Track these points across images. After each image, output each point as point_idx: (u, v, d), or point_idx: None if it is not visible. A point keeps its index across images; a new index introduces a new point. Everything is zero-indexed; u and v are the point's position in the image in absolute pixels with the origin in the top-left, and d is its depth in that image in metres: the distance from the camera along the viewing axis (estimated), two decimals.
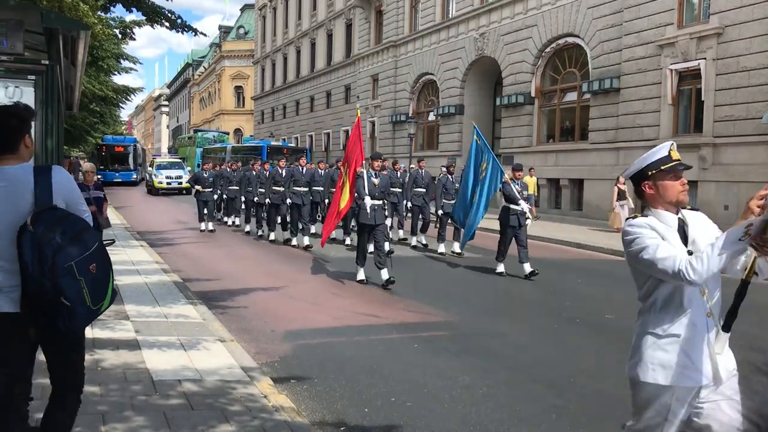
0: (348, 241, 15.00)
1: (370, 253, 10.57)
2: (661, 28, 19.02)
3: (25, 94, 5.66)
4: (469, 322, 7.89)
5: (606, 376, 5.84)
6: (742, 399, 2.80)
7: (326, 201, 15.46)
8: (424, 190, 14.94)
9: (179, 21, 10.96)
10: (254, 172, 17.01)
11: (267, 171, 16.21)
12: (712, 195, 17.14)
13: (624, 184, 17.31)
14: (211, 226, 17.56)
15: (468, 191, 11.58)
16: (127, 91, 35.88)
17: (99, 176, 39.94)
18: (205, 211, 17.60)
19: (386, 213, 10.92)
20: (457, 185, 13.09)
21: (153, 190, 35.95)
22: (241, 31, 74.89)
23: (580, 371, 5.96)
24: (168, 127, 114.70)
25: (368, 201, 10.08)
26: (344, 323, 7.69)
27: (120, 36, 22.37)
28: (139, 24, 18.66)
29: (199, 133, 56.22)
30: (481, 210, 11.28)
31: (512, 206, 10.92)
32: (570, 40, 23.24)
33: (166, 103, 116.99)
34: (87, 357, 3.32)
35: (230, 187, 18.97)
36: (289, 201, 14.85)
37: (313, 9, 47.49)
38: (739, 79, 16.94)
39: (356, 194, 10.25)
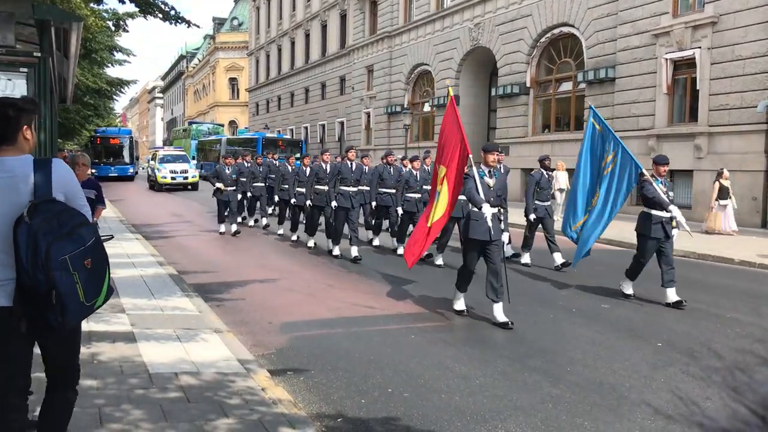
0: (376, 242, 13.65)
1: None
2: (656, 17, 19.00)
3: (18, 87, 5.63)
4: (465, 313, 7.89)
5: (602, 365, 5.86)
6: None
7: (373, 204, 13.41)
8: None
9: (172, 12, 10.92)
10: (289, 168, 15.30)
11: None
12: (707, 184, 17.17)
13: (728, 178, 15.23)
14: (234, 227, 15.41)
15: (583, 193, 9.29)
16: (121, 84, 35.74)
17: (93, 171, 38.47)
18: (227, 213, 15.51)
19: (502, 225, 8.04)
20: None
21: (156, 186, 32.47)
22: (235, 22, 74.56)
23: (576, 361, 5.98)
24: (163, 119, 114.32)
25: (487, 209, 7.29)
26: (341, 315, 7.69)
27: (113, 28, 22.29)
28: (132, 16, 18.58)
29: (194, 126, 56.10)
30: (606, 218, 8.82)
31: (655, 212, 8.38)
32: (565, 29, 23.21)
33: (161, 95, 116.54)
34: (83, 350, 3.31)
35: (255, 184, 17.06)
36: (334, 204, 12.01)
37: (307, 0, 47.31)
38: (734, 68, 16.95)
39: (468, 201, 7.73)
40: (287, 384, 5.20)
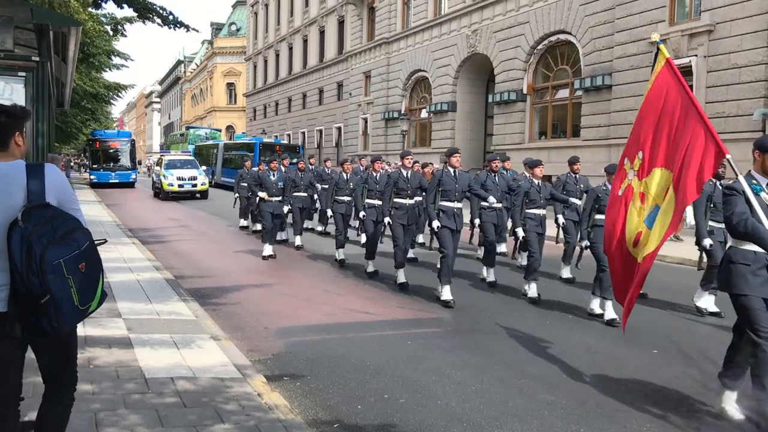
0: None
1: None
2: (653, 25, 19.07)
3: (16, 91, 5.63)
4: (462, 318, 7.90)
5: (597, 372, 5.87)
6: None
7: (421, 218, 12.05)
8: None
9: (171, 17, 10.95)
10: (344, 175, 12.92)
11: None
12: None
13: None
14: (270, 249, 12.41)
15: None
16: (118, 88, 35.73)
17: (92, 177, 37.24)
18: (266, 228, 12.65)
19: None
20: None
21: (162, 194, 28.98)
22: (233, 27, 74.64)
23: (571, 367, 5.99)
24: (160, 124, 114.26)
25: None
26: (337, 320, 7.69)
27: (111, 33, 22.33)
28: (130, 20, 18.63)
29: (191, 130, 56.01)
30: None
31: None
32: (562, 37, 23.29)
33: (158, 100, 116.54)
34: (79, 355, 3.30)
35: (297, 194, 14.26)
36: (387, 219, 10.11)
37: (306, 6, 47.40)
38: (730, 77, 17.02)
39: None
40: (283, 389, 5.20)
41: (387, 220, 10.02)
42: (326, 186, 14.41)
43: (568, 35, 22.92)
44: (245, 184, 16.61)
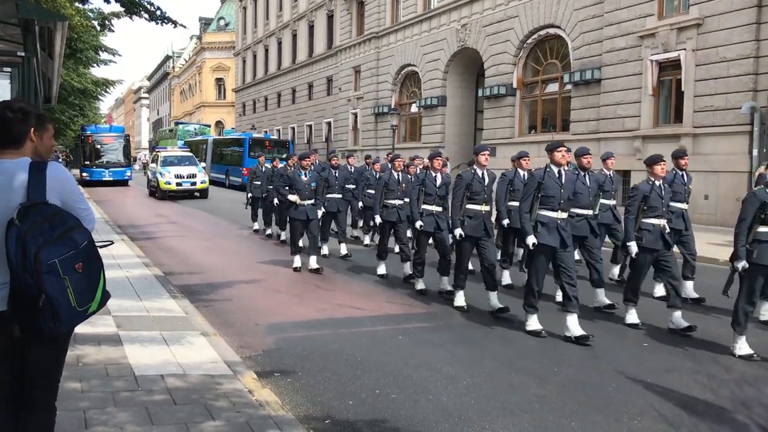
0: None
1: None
2: (642, 19, 19.11)
3: (1, 87, 5.57)
4: (453, 313, 7.90)
5: (589, 366, 5.89)
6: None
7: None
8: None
9: (158, 13, 10.88)
10: (376, 173, 11.82)
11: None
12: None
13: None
14: (314, 261, 10.72)
15: None
16: (106, 84, 35.52)
17: (85, 174, 35.74)
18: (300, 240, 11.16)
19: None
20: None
21: (159, 193, 26.85)
22: (222, 22, 74.25)
23: (563, 362, 6.00)
24: (149, 119, 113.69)
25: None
26: (328, 316, 7.67)
27: (98, 28, 22.18)
28: (117, 15, 18.49)
29: (180, 126, 55.69)
30: None
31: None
32: (551, 31, 23.30)
33: (147, 95, 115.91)
34: (68, 352, 3.26)
35: (330, 195, 12.31)
36: (459, 232, 7.99)
37: (294, 0, 47.23)
38: (718, 70, 17.07)
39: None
40: (274, 386, 5.18)
41: (459, 232, 7.88)
42: (351, 186, 13.26)
43: (557, 29, 22.93)
44: (258, 183, 15.60)
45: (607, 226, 9.33)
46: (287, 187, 10.78)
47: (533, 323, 6.97)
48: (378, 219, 10.48)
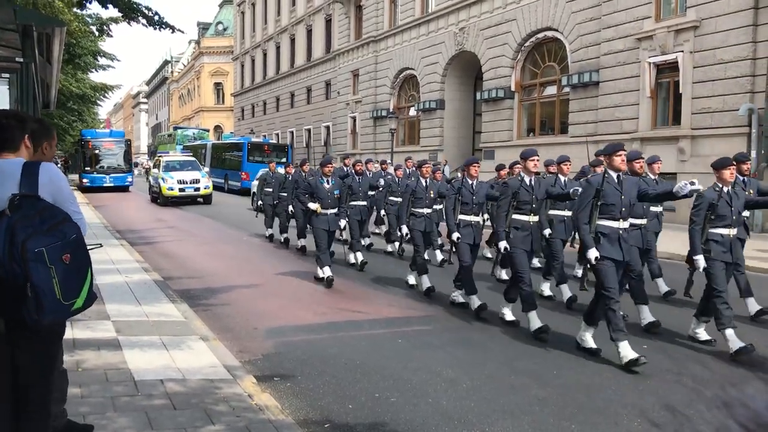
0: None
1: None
2: (639, 21, 19.15)
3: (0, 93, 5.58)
4: (452, 316, 7.90)
5: (589, 368, 5.89)
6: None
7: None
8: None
9: (156, 18, 10.88)
10: (423, 181, 9.84)
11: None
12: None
13: None
14: (327, 271, 9.87)
15: None
16: (105, 89, 35.50)
17: (86, 180, 35.25)
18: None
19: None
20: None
21: (161, 199, 26.11)
22: (220, 27, 74.31)
23: (563, 364, 6.00)
24: (147, 124, 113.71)
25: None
26: (327, 319, 7.67)
27: (97, 33, 22.18)
28: (116, 20, 18.50)
29: (179, 131, 55.75)
30: None
31: None
32: (549, 34, 23.34)
33: (145, 100, 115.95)
34: (67, 358, 3.26)
35: (353, 203, 11.80)
36: (503, 245, 7.40)
37: (292, 5, 47.26)
38: (716, 72, 17.11)
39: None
40: (274, 390, 5.18)
41: (504, 245, 7.35)
42: (371, 193, 12.86)
43: (555, 32, 22.97)
44: (270, 189, 15.09)
45: (656, 235, 9.01)
46: (308, 195, 10.22)
47: (627, 352, 5.91)
48: (405, 230, 9.61)
